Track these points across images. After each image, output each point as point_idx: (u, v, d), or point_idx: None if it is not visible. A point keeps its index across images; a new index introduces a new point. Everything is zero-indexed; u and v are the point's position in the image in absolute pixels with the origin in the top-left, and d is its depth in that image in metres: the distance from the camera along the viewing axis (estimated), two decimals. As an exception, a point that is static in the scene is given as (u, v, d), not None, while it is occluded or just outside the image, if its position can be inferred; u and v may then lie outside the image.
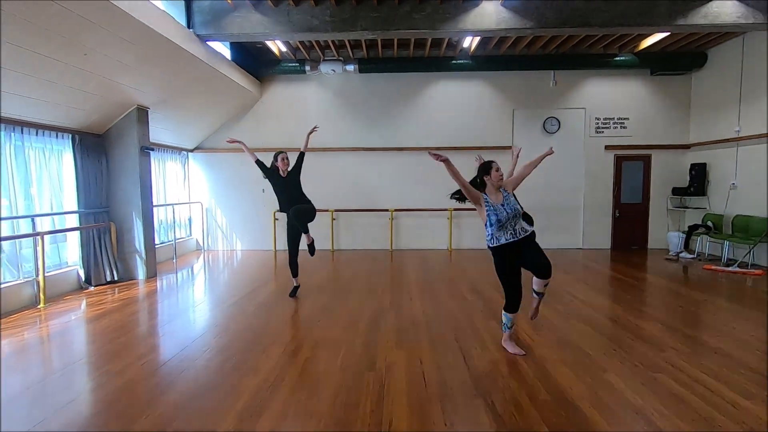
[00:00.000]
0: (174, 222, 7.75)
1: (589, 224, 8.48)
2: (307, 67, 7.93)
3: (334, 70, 7.90)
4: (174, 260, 7.40)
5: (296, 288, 5.00)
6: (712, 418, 2.37)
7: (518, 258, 3.17)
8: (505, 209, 3.10)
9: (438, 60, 7.99)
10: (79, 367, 3.16)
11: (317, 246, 8.36)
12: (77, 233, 5.45)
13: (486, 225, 3.16)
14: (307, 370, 3.02)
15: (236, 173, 8.55)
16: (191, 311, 4.63)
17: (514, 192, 3.31)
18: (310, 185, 8.39)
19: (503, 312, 3.31)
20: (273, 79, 8.41)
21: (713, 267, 6.46)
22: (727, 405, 2.50)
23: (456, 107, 8.38)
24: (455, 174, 2.99)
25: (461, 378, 2.87)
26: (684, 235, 7.55)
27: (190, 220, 8.59)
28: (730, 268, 6.28)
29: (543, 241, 9.41)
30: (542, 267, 3.15)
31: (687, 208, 8.14)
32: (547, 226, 8.50)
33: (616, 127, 8.31)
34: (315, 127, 5.03)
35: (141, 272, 6.01)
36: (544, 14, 5.58)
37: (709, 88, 7.74)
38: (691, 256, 7.33)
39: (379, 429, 2.28)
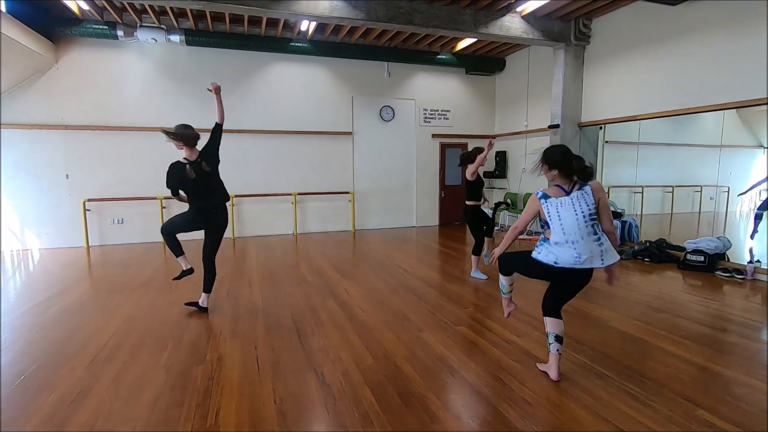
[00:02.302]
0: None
1: (421, 204, 9.49)
2: (120, 32, 6.83)
3: (155, 39, 6.99)
4: (-69, 268, 5.68)
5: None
6: (492, 353, 2.98)
7: None
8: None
9: (275, 40, 7.76)
10: None
11: (144, 237, 7.50)
12: None
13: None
14: (123, 376, 2.72)
15: (27, 154, 6.94)
16: (-42, 330, 3.65)
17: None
18: (132, 169, 7.40)
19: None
20: (73, 43, 7.00)
21: (510, 236, 7.97)
22: (504, 343, 3.17)
23: (296, 91, 8.31)
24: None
25: (295, 357, 2.97)
26: (491, 211, 9.06)
27: (-45, 215, 6.66)
28: (522, 236, 7.83)
29: (383, 222, 10.03)
30: None
31: (494, 188, 9.77)
32: (385, 208, 9.21)
33: (440, 118, 9.40)
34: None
35: None
36: (375, 8, 5.92)
37: (507, 89, 9.36)
38: (497, 227, 8.88)
39: (204, 422, 2.22)
